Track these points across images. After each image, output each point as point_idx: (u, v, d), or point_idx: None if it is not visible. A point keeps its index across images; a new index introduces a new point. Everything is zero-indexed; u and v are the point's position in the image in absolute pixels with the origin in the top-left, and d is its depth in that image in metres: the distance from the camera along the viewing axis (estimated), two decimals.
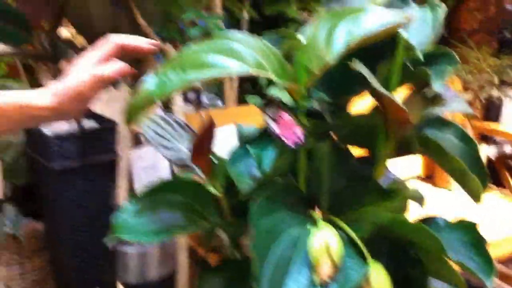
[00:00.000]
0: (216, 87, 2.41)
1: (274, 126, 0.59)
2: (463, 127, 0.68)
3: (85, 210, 1.60)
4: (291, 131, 0.59)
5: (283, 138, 0.59)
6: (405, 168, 2.01)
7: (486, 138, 2.37)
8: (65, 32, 2.02)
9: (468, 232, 0.60)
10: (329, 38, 0.60)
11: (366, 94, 0.65)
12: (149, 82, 0.55)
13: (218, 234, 0.73)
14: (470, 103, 2.02)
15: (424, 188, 2.00)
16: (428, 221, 0.63)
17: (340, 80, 0.67)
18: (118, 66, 0.64)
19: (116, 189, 1.56)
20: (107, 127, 1.63)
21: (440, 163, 0.66)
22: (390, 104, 0.58)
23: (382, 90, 0.56)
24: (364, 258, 0.56)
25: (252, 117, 1.63)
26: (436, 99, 0.62)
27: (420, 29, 0.71)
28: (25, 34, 1.45)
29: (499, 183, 2.17)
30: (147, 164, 1.47)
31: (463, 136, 0.67)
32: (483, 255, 0.57)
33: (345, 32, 0.59)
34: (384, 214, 0.57)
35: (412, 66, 0.64)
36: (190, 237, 1.54)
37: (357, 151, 0.69)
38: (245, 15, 1.84)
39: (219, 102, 2.38)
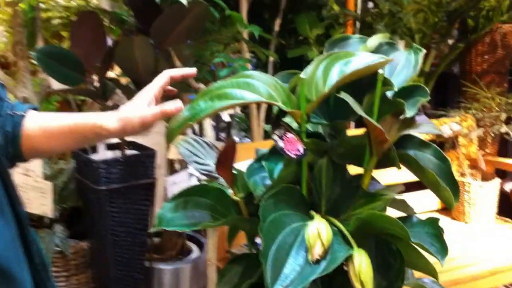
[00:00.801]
0: (246, 125, 2.61)
1: (280, 143, 0.76)
2: (439, 149, 0.83)
3: (126, 228, 1.78)
4: (293, 147, 0.75)
5: (287, 152, 0.75)
6: (424, 201, 2.10)
7: (504, 173, 2.46)
8: (112, 73, 2.24)
9: (432, 226, 0.75)
10: (325, 75, 0.77)
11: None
12: (184, 110, 0.74)
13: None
14: (482, 139, 2.14)
15: (442, 220, 2.09)
16: (405, 218, 0.78)
17: (335, 108, 0.83)
18: (179, 105, 0.80)
19: (153, 209, 1.75)
20: (146, 154, 1.83)
21: (418, 176, 0.81)
22: (371, 126, 0.74)
23: (363, 114, 0.73)
24: (350, 246, 0.71)
25: None
26: (410, 123, 0.78)
27: (404, 68, 0.88)
28: (79, 76, 1.66)
29: None
30: (180, 188, 1.65)
31: (440, 156, 0.82)
32: (440, 242, 0.72)
33: (338, 70, 0.76)
34: (366, 211, 0.73)
35: (392, 97, 0.80)
36: (219, 257, 1.69)
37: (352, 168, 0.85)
38: (271, 58, 2.05)
39: (248, 139, 2.57)
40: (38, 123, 0.80)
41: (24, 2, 2.06)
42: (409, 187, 1.65)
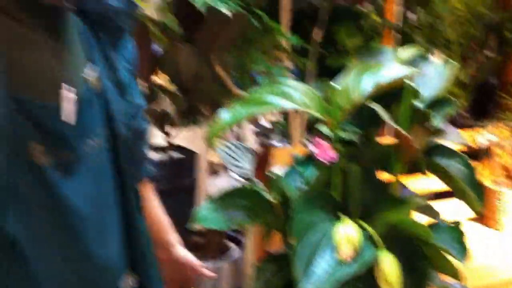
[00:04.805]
0: (286, 130, 2.67)
1: (313, 149, 0.81)
2: (466, 157, 0.86)
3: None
4: (326, 153, 0.80)
5: (320, 158, 0.80)
6: (458, 209, 2.11)
7: None
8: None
9: (455, 230, 0.78)
10: (358, 85, 0.82)
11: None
12: (224, 114, 0.79)
13: None
14: None
15: (474, 229, 2.10)
16: (432, 224, 0.82)
17: (367, 116, 0.88)
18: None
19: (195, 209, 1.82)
20: (190, 157, 1.91)
21: (446, 182, 0.85)
22: (399, 134, 0.78)
23: (392, 123, 0.77)
24: (379, 248, 0.75)
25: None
26: (438, 132, 0.82)
27: (436, 80, 0.91)
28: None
29: None
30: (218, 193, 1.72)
31: (466, 164, 0.86)
32: (460, 243, 0.76)
33: (370, 80, 0.81)
34: (395, 216, 0.77)
35: (422, 107, 0.84)
36: (257, 257, 1.74)
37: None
38: (310, 66, 2.10)
39: (287, 144, 2.62)
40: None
41: None
42: (446, 195, 1.67)
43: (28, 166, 0.69)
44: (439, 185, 0.88)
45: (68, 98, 0.74)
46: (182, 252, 1.13)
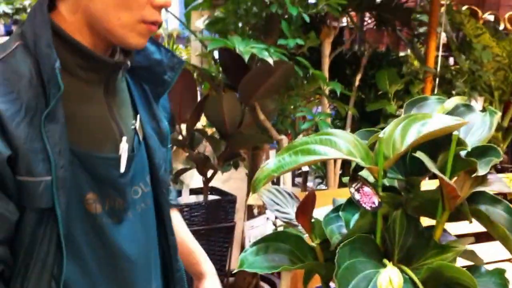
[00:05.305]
0: (322, 172, 2.68)
1: (356, 195, 0.82)
2: (510, 205, 0.86)
3: None
4: (369, 199, 0.82)
5: (363, 204, 0.82)
6: (496, 251, 2.07)
7: None
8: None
9: (498, 276, 0.78)
10: (403, 134, 0.83)
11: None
12: (270, 163, 0.82)
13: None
14: None
15: None
16: (473, 268, 0.82)
17: (411, 164, 0.89)
18: None
19: (231, 251, 1.83)
20: (227, 199, 1.94)
21: (488, 229, 0.85)
22: (444, 183, 0.79)
23: (437, 172, 0.78)
24: None
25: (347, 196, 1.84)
26: (482, 181, 0.82)
27: (479, 129, 0.93)
28: (171, 127, 1.82)
29: None
30: (258, 233, 1.73)
31: (509, 211, 0.86)
32: None
33: (416, 130, 0.83)
34: (437, 261, 0.78)
35: (466, 155, 0.85)
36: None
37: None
38: (350, 112, 2.13)
39: (323, 186, 2.63)
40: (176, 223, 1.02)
41: None
42: (480, 236, 1.64)
43: (84, 215, 0.73)
44: (477, 228, 0.88)
45: (125, 150, 0.78)
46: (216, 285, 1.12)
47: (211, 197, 1.98)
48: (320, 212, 0.94)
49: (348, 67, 2.40)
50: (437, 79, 2.21)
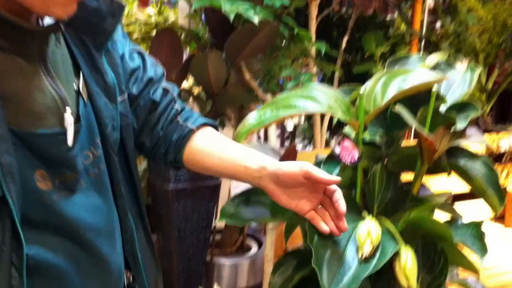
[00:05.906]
0: (310, 134, 2.70)
1: (337, 150, 0.84)
2: (487, 160, 0.88)
3: (191, 225, 1.91)
4: (349, 154, 0.83)
5: (342, 159, 0.83)
6: (479, 210, 2.13)
7: None
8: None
9: (475, 228, 0.81)
10: (384, 89, 0.85)
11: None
12: (251, 117, 0.83)
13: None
14: None
15: (495, 228, 2.10)
16: (451, 221, 0.85)
17: (392, 119, 0.91)
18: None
19: (217, 209, 1.86)
20: None
21: (468, 183, 0.88)
22: (423, 137, 0.81)
23: (416, 125, 0.80)
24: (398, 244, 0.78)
25: None
26: (460, 135, 0.84)
27: (460, 85, 0.94)
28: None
29: None
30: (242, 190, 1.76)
31: (488, 166, 0.88)
32: (481, 242, 0.78)
33: (396, 86, 0.84)
34: (414, 214, 0.80)
35: (445, 111, 0.87)
36: (276, 255, 1.77)
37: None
38: (336, 73, 2.13)
39: (311, 148, 2.66)
40: (202, 146, 0.88)
41: None
42: (468, 196, 1.68)
43: (38, 196, 0.69)
44: (460, 188, 0.90)
45: (70, 123, 0.72)
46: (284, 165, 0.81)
47: None
48: None
49: (335, 29, 2.40)
50: (423, 42, 2.22)
